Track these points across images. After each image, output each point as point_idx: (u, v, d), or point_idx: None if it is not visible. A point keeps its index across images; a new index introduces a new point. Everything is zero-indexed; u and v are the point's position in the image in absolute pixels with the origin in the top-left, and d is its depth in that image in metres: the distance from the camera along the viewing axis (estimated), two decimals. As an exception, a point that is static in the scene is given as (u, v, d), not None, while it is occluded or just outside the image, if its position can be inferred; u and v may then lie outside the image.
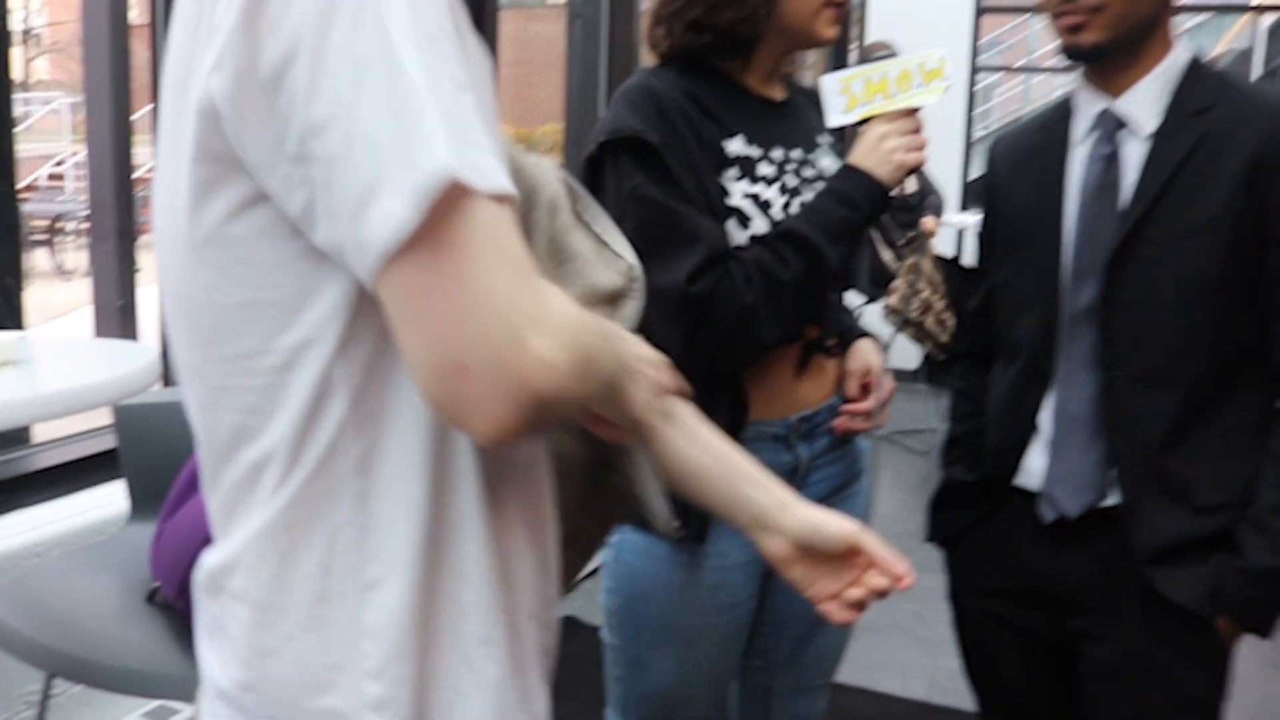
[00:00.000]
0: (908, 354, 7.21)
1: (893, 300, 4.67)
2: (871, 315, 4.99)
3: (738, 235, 1.51)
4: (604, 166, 1.52)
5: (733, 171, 1.53)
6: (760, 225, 1.52)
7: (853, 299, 5.44)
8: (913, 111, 1.53)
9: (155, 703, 2.47)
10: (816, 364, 1.64)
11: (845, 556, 1.06)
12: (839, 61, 6.79)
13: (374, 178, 0.70)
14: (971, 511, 1.73)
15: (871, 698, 3.28)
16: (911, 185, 5.17)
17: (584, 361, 0.73)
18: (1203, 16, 13.40)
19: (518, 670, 0.91)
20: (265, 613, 0.85)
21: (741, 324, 1.47)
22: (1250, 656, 3.73)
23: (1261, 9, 9.90)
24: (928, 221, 5.46)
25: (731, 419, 1.54)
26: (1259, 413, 1.54)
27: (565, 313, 0.74)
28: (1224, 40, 14.01)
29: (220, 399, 0.84)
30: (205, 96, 0.75)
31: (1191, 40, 14.32)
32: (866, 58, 1.65)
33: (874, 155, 1.52)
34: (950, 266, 4.85)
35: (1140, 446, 1.53)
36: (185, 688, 1.57)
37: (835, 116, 1.55)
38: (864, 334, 1.76)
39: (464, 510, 0.85)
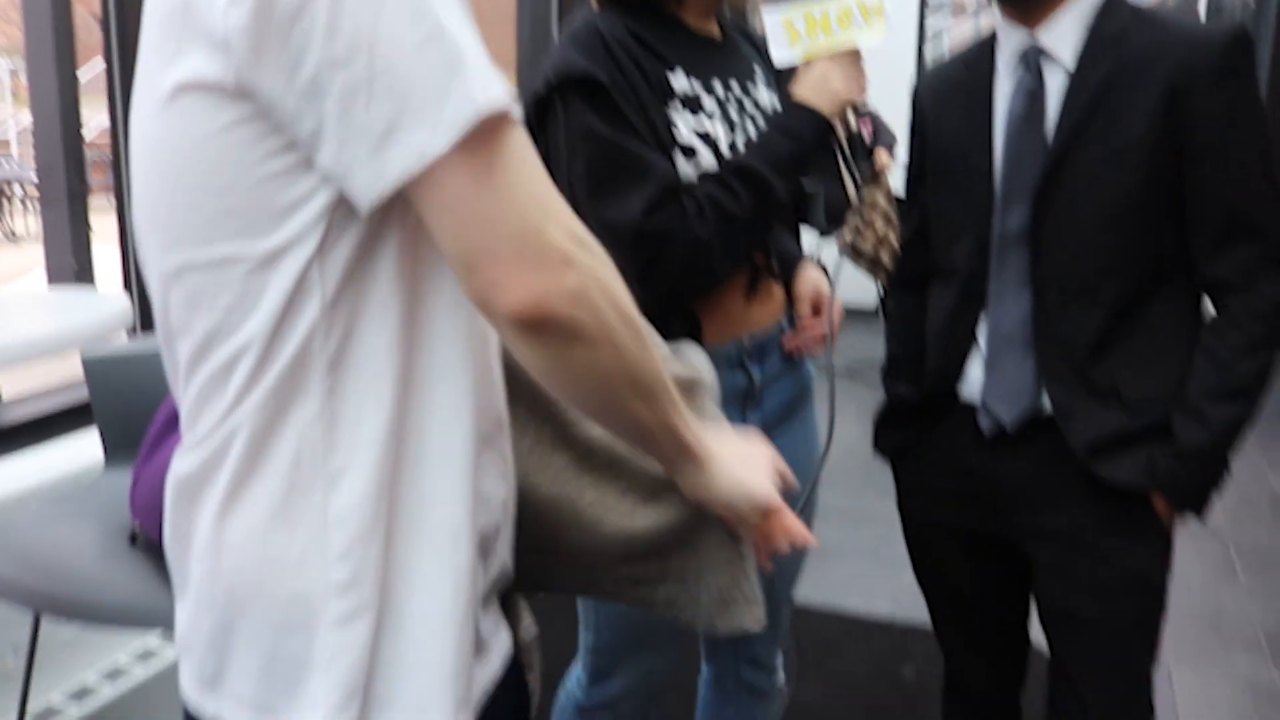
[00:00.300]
0: (866, 290, 7.29)
1: (847, 234, 4.72)
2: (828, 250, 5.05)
3: (686, 170, 1.55)
4: (552, 108, 1.53)
5: (677, 105, 1.57)
6: (708, 160, 1.56)
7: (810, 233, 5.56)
8: (856, 52, 1.57)
9: (141, 645, 2.51)
10: (765, 287, 1.70)
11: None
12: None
13: (398, 111, 0.78)
14: (916, 426, 1.80)
15: (837, 619, 3.39)
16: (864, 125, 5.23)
17: (606, 277, 0.86)
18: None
19: (484, 567, 0.98)
20: (235, 505, 0.90)
21: (695, 257, 1.51)
22: (1202, 563, 3.88)
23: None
24: (882, 155, 5.53)
25: (688, 340, 1.59)
26: (1185, 316, 1.62)
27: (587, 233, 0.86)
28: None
29: (199, 301, 0.88)
30: (217, 29, 0.80)
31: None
32: None
33: (817, 90, 1.56)
34: (901, 202, 4.90)
35: (1069, 357, 1.61)
36: (172, 619, 1.62)
37: (779, 53, 1.57)
38: (806, 259, 1.82)
39: (431, 411, 0.91)
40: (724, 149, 1.58)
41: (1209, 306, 1.63)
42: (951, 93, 1.75)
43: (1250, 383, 1.56)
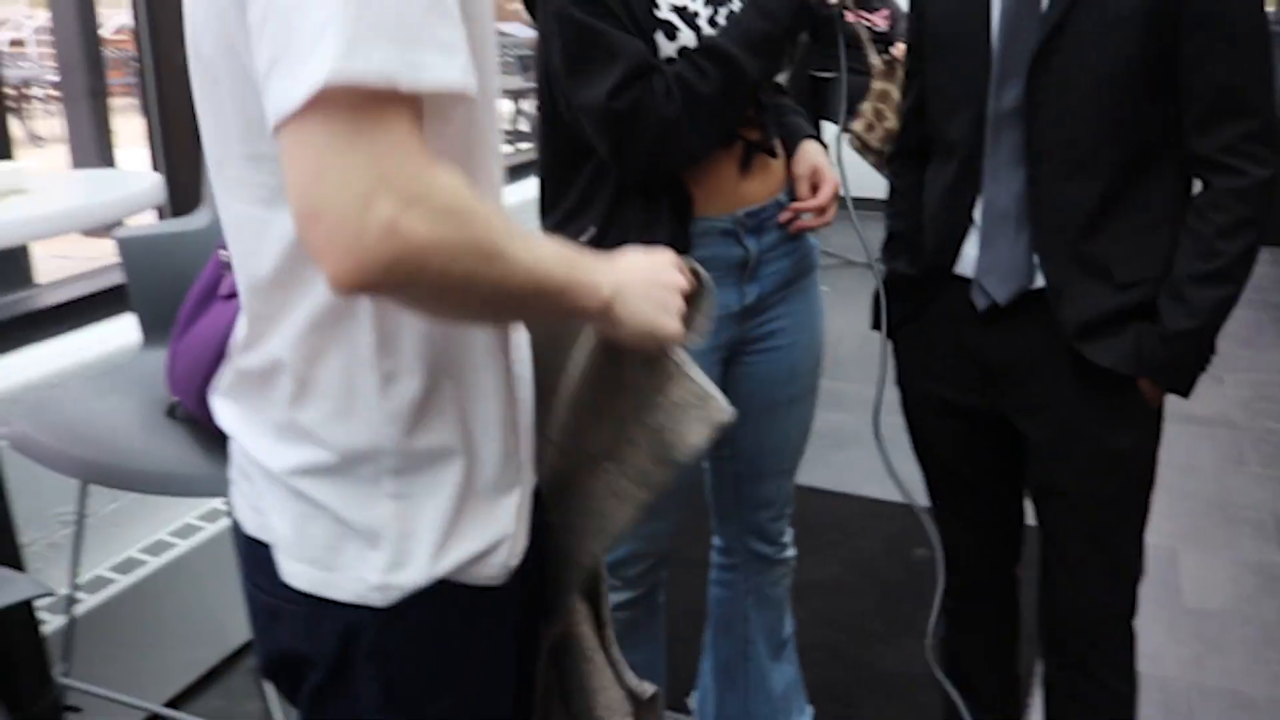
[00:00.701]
0: (877, 183, 7.25)
1: (858, 126, 4.68)
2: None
3: (666, 47, 1.58)
4: None
5: None
6: (688, 37, 1.59)
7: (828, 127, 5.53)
8: None
9: (180, 520, 2.61)
10: (760, 163, 1.73)
11: None
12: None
13: (279, 51, 0.81)
14: (913, 301, 1.83)
15: (850, 500, 3.47)
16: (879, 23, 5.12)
17: (444, 240, 0.82)
18: None
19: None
20: (307, 397, 0.98)
21: (663, 135, 1.55)
22: (1215, 450, 3.93)
23: None
24: (899, 48, 5.45)
25: (675, 215, 1.64)
26: (1176, 195, 1.64)
27: (446, 192, 0.83)
28: None
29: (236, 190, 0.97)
30: None
31: None
32: None
33: None
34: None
35: (1062, 233, 1.64)
36: (216, 485, 1.70)
37: None
38: (811, 135, 1.84)
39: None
40: (704, 25, 1.60)
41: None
42: None
43: (1234, 264, 1.57)
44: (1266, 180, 1.56)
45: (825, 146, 1.88)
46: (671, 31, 1.59)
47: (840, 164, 1.78)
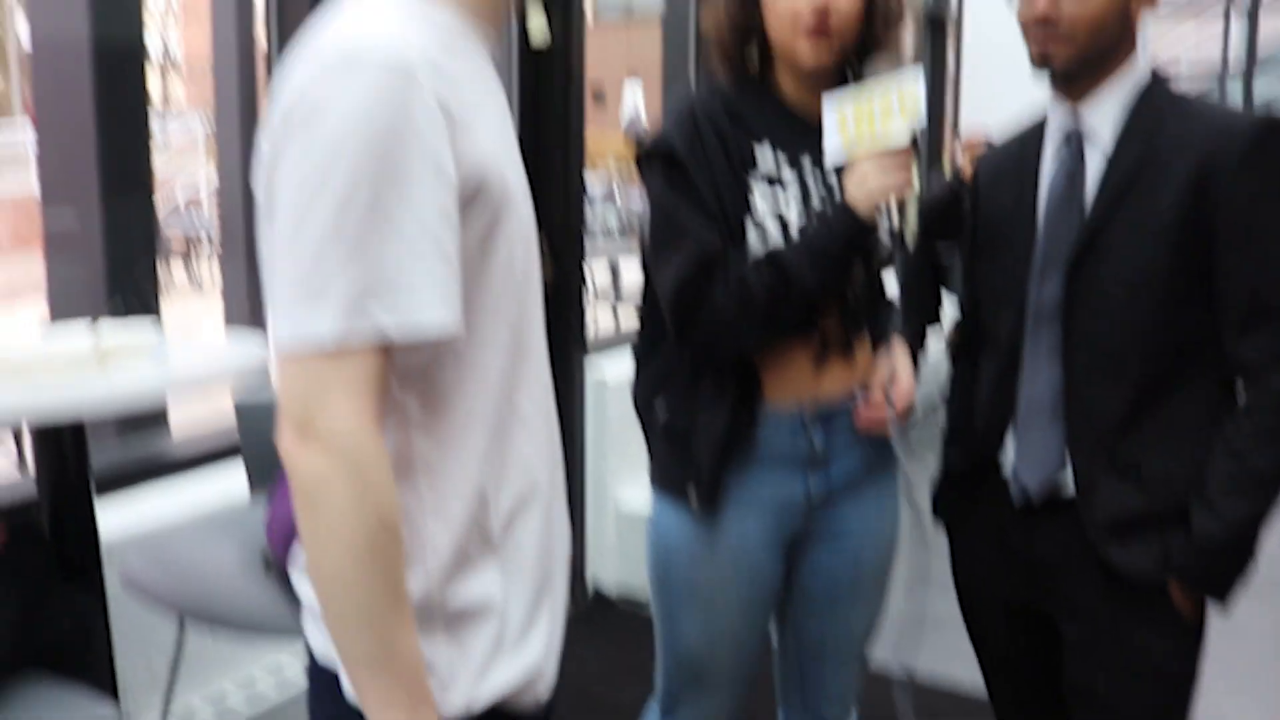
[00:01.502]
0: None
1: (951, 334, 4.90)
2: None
3: (755, 244, 1.71)
4: (642, 171, 1.77)
5: (757, 176, 1.72)
6: (775, 238, 1.71)
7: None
8: (898, 151, 1.66)
9: (271, 659, 2.76)
10: (837, 359, 1.79)
11: None
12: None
13: (285, 289, 1.04)
14: (964, 493, 1.87)
15: (946, 693, 3.41)
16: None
17: (325, 492, 1.01)
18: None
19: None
20: None
21: (717, 330, 1.68)
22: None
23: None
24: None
25: (741, 400, 1.73)
26: (1212, 401, 1.66)
27: (355, 445, 1.02)
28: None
29: None
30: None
31: None
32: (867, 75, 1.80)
33: (857, 188, 1.68)
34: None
35: (1095, 430, 1.67)
36: (299, 628, 1.84)
37: (831, 149, 1.70)
38: (898, 334, 1.88)
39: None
40: (793, 227, 1.71)
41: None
42: (1004, 167, 1.84)
43: (1267, 475, 1.58)
44: None
45: (915, 348, 1.93)
46: (764, 235, 1.71)
47: None
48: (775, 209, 1.72)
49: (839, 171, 1.76)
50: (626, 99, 13.45)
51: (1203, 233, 1.61)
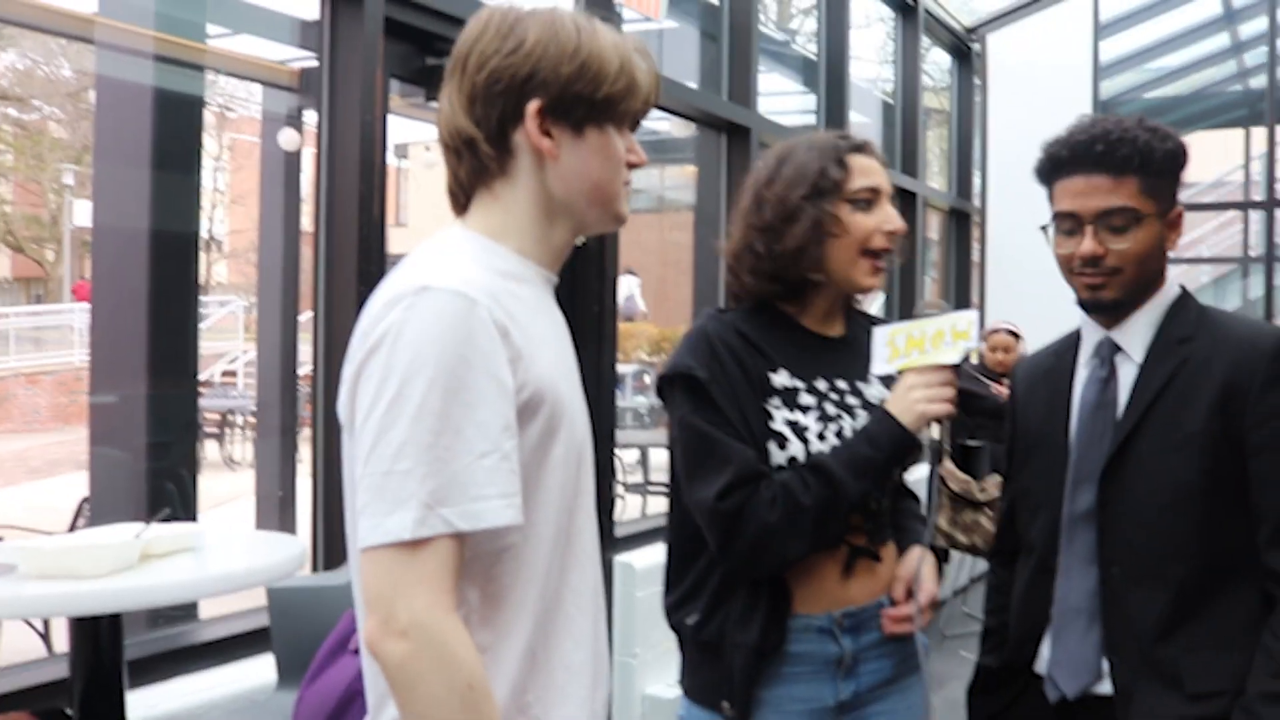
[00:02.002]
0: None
1: (960, 535, 5.08)
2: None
3: (777, 455, 1.76)
4: (664, 397, 1.82)
5: (776, 400, 1.78)
6: (796, 449, 1.76)
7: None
8: (946, 367, 1.74)
9: None
10: (863, 566, 1.82)
11: None
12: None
13: (367, 500, 1.17)
14: (1001, 696, 1.88)
15: None
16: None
17: (415, 674, 1.14)
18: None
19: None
20: None
21: (763, 539, 1.70)
22: None
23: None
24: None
25: (772, 611, 1.75)
26: (1252, 606, 1.67)
27: (436, 632, 1.14)
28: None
29: None
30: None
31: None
32: (916, 315, 1.91)
33: (902, 402, 1.74)
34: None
35: (1134, 638, 1.68)
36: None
37: (878, 366, 1.79)
38: (919, 542, 1.90)
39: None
40: (813, 439, 1.77)
41: None
42: (1040, 379, 1.91)
43: None
44: None
45: (939, 554, 1.97)
46: (783, 442, 1.76)
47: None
48: (796, 430, 1.77)
49: (857, 392, 1.83)
50: (621, 288, 14.01)
51: (1233, 444, 1.66)
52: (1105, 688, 1.72)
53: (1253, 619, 1.67)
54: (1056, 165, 1.76)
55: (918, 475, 1.99)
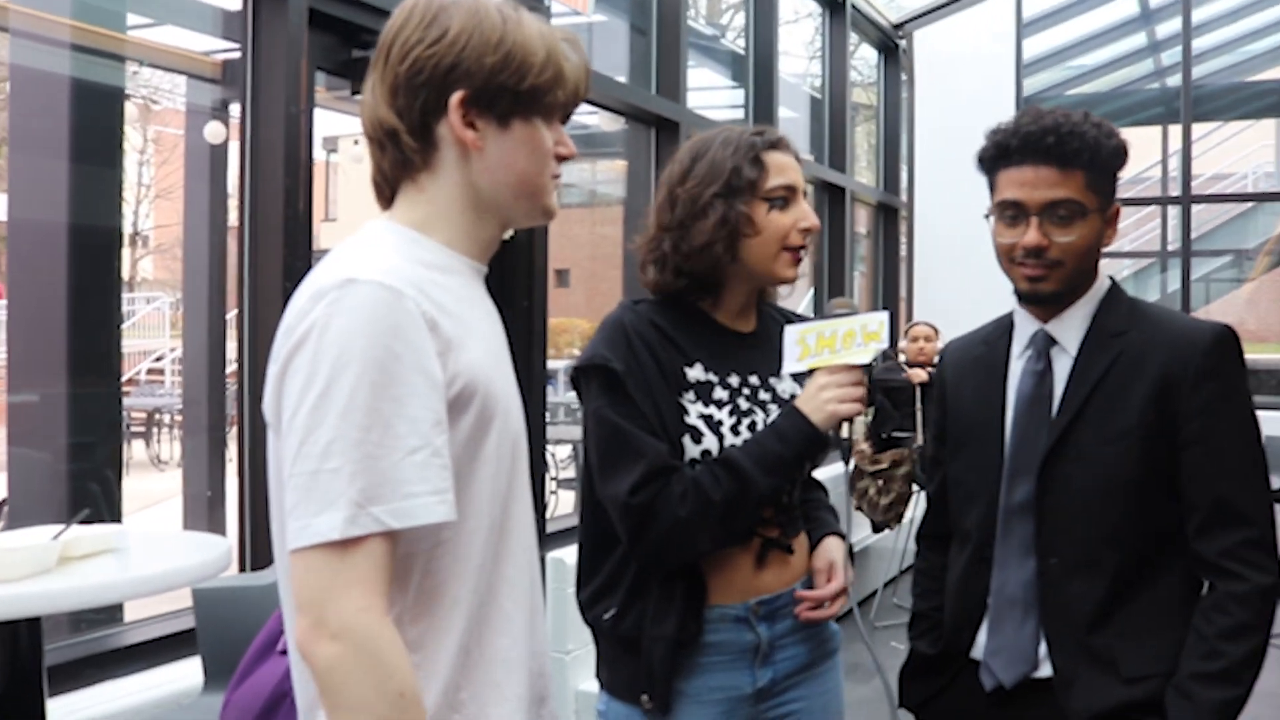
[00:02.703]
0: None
1: (866, 502, 5.39)
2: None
3: (691, 449, 1.77)
4: (579, 388, 1.82)
5: (690, 395, 1.79)
6: (711, 443, 1.77)
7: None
8: (856, 367, 1.75)
9: None
10: (776, 557, 1.85)
11: None
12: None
13: (296, 500, 1.14)
14: (935, 681, 1.90)
15: None
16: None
17: (345, 678, 1.12)
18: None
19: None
20: None
21: (673, 533, 1.71)
22: None
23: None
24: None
25: (688, 603, 1.77)
26: (1184, 594, 1.72)
27: (368, 636, 1.12)
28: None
29: None
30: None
31: (1254, 220, 14.64)
32: (826, 314, 1.91)
33: (813, 401, 1.76)
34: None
35: (1070, 625, 1.72)
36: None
37: (789, 365, 1.80)
38: (834, 532, 1.95)
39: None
40: (727, 433, 1.78)
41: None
42: (971, 367, 1.92)
43: (1238, 666, 1.63)
44: (1268, 587, 1.65)
45: (847, 541, 1.98)
46: (697, 436, 1.77)
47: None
48: (710, 425, 1.78)
49: (769, 388, 1.85)
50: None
51: (1167, 436, 1.70)
52: (1041, 672, 1.75)
53: (1183, 604, 1.71)
54: (1003, 153, 1.76)
55: (835, 472, 2.01)
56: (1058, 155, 1.71)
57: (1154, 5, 8.44)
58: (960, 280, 6.96)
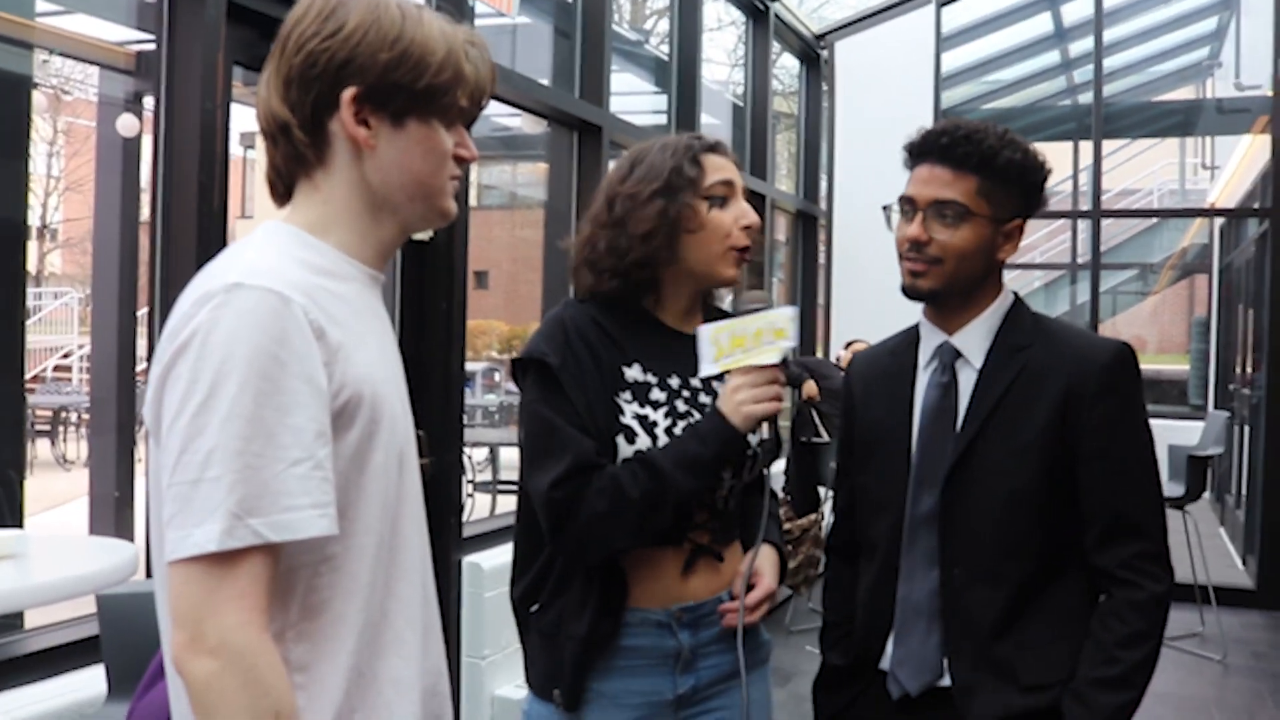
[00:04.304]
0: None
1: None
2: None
3: (625, 449, 1.77)
4: (518, 380, 1.83)
5: (627, 394, 1.80)
6: (645, 443, 1.78)
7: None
8: (769, 367, 1.76)
9: None
10: (705, 564, 1.85)
11: None
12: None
13: (174, 510, 1.11)
14: (846, 692, 1.93)
15: None
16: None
17: (220, 695, 1.09)
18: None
19: None
20: None
21: (590, 529, 1.72)
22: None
23: (1217, 212, 10.52)
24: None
25: (605, 603, 1.78)
26: (1082, 604, 1.77)
27: (245, 653, 1.09)
28: (1188, 235, 14.69)
29: None
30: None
31: (1159, 235, 15.05)
32: (739, 307, 1.90)
33: (729, 403, 1.77)
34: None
35: (973, 635, 1.76)
36: None
37: (704, 367, 1.80)
38: (770, 541, 1.94)
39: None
40: (661, 435, 1.79)
41: None
42: (878, 378, 1.96)
43: (1133, 671, 1.69)
44: (1161, 595, 1.72)
45: (781, 552, 1.98)
46: (631, 436, 1.78)
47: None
48: (645, 425, 1.79)
49: (710, 390, 1.85)
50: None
51: (1068, 450, 1.75)
52: (946, 681, 1.78)
53: (1080, 613, 1.76)
54: (911, 153, 1.83)
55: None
56: (950, 157, 1.77)
57: (1068, 24, 8.63)
58: (877, 289, 7.03)
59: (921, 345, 1.91)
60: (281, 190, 1.32)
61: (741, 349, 1.77)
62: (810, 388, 6.36)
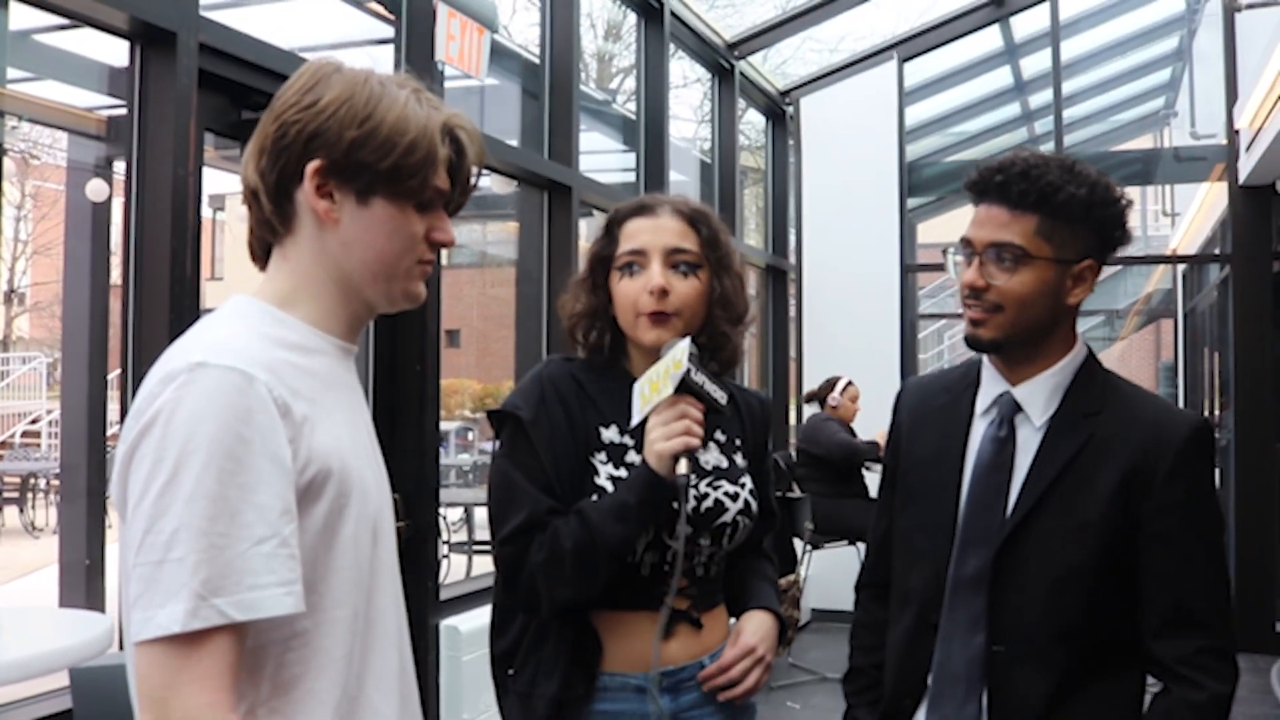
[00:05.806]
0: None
1: None
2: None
3: None
4: (494, 431, 1.86)
5: (602, 455, 1.81)
6: None
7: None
8: (675, 401, 1.74)
9: None
10: (684, 630, 1.84)
11: None
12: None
13: (140, 591, 1.10)
14: None
15: None
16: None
17: None
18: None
19: None
20: None
21: (531, 582, 1.74)
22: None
23: (1179, 259, 10.68)
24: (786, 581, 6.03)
25: (577, 665, 1.77)
26: (1133, 689, 1.68)
27: None
28: (1152, 281, 14.89)
29: None
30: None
31: (1123, 281, 15.24)
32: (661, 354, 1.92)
33: (647, 447, 1.76)
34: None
35: (1016, 715, 1.66)
36: None
37: (634, 418, 1.80)
38: (763, 606, 1.92)
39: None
40: None
41: None
42: (930, 415, 1.84)
43: None
44: (1223, 697, 1.60)
45: (780, 619, 1.94)
46: (604, 497, 1.78)
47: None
48: (614, 475, 1.80)
49: (696, 459, 1.83)
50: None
51: (1127, 534, 1.65)
52: None
53: (1133, 702, 1.67)
54: (972, 190, 1.72)
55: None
56: (1007, 195, 1.66)
57: (1027, 77, 8.79)
58: (847, 341, 7.11)
59: (981, 390, 1.79)
60: (259, 254, 1.34)
61: (656, 392, 1.77)
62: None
